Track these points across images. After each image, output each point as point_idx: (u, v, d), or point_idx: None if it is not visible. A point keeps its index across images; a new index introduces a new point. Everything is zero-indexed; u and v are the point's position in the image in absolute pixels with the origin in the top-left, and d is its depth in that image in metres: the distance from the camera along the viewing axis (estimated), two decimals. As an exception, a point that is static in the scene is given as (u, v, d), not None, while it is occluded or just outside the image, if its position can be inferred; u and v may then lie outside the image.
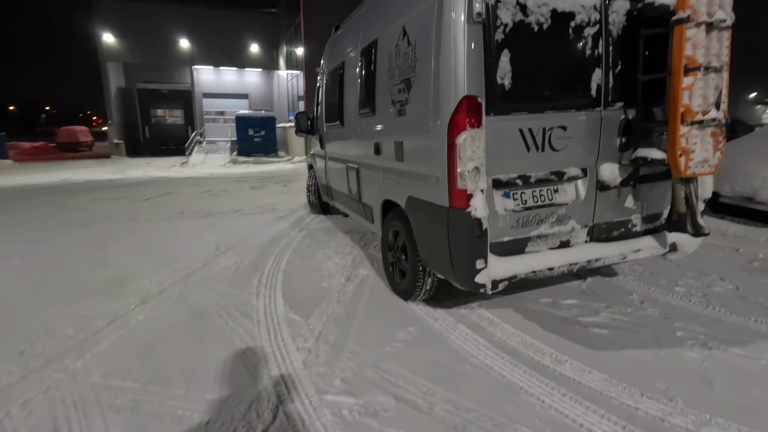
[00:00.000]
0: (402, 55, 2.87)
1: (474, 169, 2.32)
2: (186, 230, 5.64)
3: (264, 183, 10.69)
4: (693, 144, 2.41)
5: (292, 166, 16.33)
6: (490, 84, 2.34)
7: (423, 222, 2.80)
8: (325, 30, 19.75)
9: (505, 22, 2.34)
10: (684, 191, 2.63)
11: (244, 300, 3.30)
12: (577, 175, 2.66)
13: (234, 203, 7.67)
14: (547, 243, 2.71)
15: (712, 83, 2.37)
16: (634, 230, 2.91)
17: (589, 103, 2.59)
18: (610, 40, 2.56)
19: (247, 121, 22.76)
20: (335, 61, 4.67)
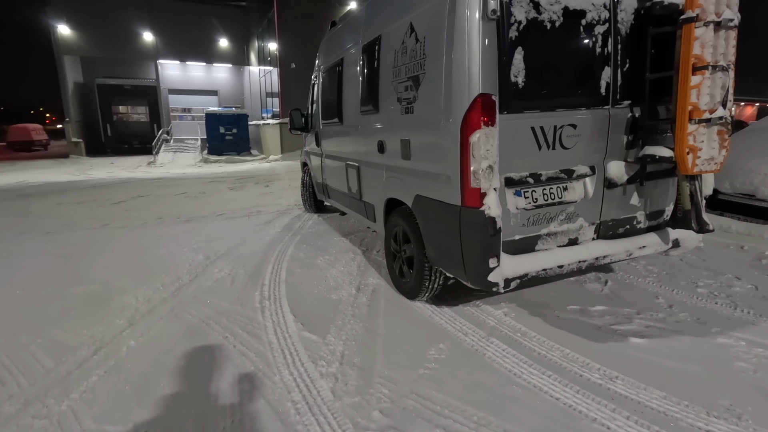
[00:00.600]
0: (409, 52, 2.82)
1: (488, 167, 2.31)
2: (167, 237, 5.19)
3: (243, 183, 10.19)
4: (700, 142, 2.43)
5: (269, 165, 15.77)
6: (503, 82, 2.33)
7: (432, 221, 2.77)
8: (299, 24, 19.31)
9: (519, 19, 2.32)
10: (689, 188, 2.67)
11: (249, 317, 2.97)
12: (585, 173, 2.67)
13: (215, 206, 7.20)
14: (557, 241, 2.72)
15: (719, 82, 2.40)
16: (638, 227, 2.94)
17: (599, 101, 2.60)
18: (619, 39, 2.56)
19: (217, 119, 21.91)
20: (333, 58, 4.55)
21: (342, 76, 4.20)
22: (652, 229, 2.98)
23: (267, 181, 10.34)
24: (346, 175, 4.27)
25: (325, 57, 4.98)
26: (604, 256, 2.72)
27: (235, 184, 10.05)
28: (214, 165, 18.50)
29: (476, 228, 2.36)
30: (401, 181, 3.11)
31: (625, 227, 2.90)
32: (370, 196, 3.82)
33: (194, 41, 25.27)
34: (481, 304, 3.09)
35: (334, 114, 4.45)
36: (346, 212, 4.93)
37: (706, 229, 2.72)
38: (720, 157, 2.52)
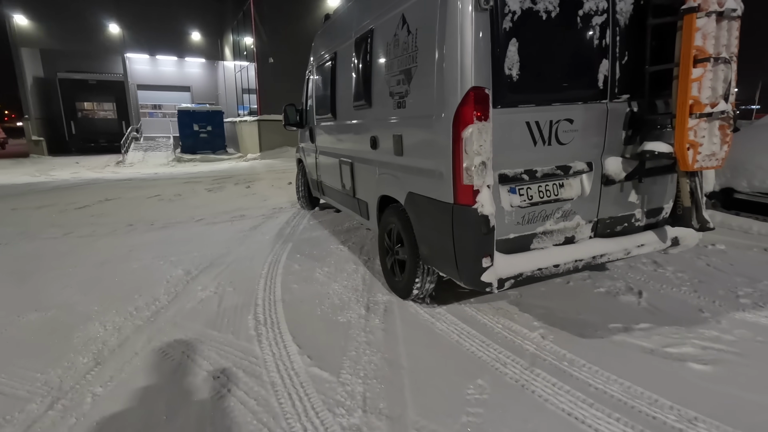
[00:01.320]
0: (401, 45, 2.73)
1: (481, 164, 2.22)
2: (140, 248, 4.60)
3: (221, 184, 9.54)
4: (701, 137, 2.34)
5: (247, 165, 15.06)
6: (497, 75, 2.23)
7: (424, 219, 2.69)
8: (277, 17, 18.58)
9: (513, 9, 2.22)
10: (690, 185, 2.57)
11: (244, 350, 2.49)
12: (582, 169, 2.58)
13: (193, 210, 6.60)
14: (553, 239, 2.62)
15: (722, 75, 2.29)
16: (637, 225, 2.84)
17: (596, 95, 2.50)
18: (618, 30, 2.45)
19: (191, 116, 20.95)
20: (326, 53, 4.44)
21: (335, 71, 4.11)
22: (651, 227, 2.88)
23: (248, 182, 9.72)
24: (340, 172, 4.18)
25: (318, 52, 4.85)
26: (601, 255, 2.63)
27: (213, 185, 9.39)
28: (189, 164, 17.61)
29: (469, 226, 2.28)
30: (394, 177, 3.02)
31: (624, 225, 2.80)
32: (363, 193, 3.74)
33: (164, 34, 24.10)
34: (512, 324, 2.70)
35: (328, 109, 4.36)
36: (340, 210, 4.83)
37: (707, 227, 2.63)
38: (722, 153, 2.41)
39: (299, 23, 17.97)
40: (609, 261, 2.74)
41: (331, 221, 5.50)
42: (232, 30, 22.26)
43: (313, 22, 18.29)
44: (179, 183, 10.07)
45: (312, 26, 18.30)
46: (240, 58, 21.44)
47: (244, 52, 20.44)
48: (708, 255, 3.87)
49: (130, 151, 20.18)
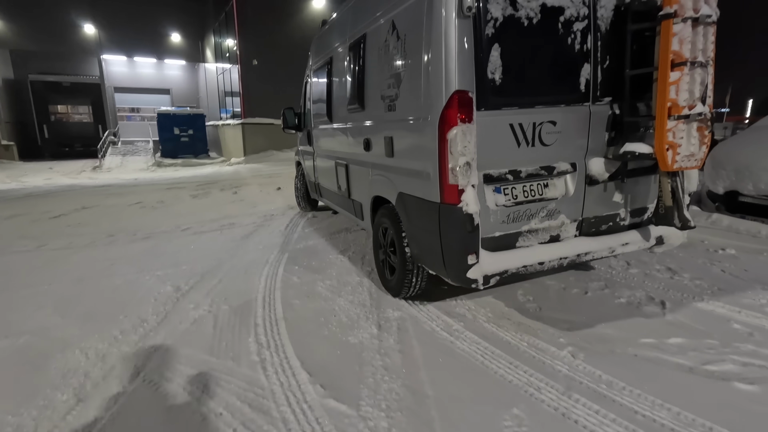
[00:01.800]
0: (391, 50, 2.81)
1: (465, 164, 2.28)
2: (123, 261, 4.26)
3: (207, 190, 9.15)
4: (680, 138, 2.41)
5: (231, 169, 14.63)
6: (480, 79, 2.30)
7: (414, 218, 2.76)
8: (261, 18, 18.27)
9: (495, 16, 2.29)
10: (671, 185, 2.63)
11: (247, 379, 2.23)
12: (566, 169, 2.64)
13: (177, 218, 6.24)
14: (538, 238, 2.69)
15: (698, 78, 2.37)
16: (621, 224, 2.90)
17: (578, 97, 2.57)
18: (599, 35, 2.53)
19: (171, 119, 20.35)
20: (322, 57, 4.53)
21: (331, 75, 4.20)
22: (635, 226, 2.93)
23: (234, 187, 9.36)
24: (336, 174, 4.24)
25: (315, 56, 4.93)
26: (585, 253, 2.69)
27: (198, 191, 9.00)
28: (170, 169, 17.06)
29: (455, 225, 2.34)
30: (386, 178, 3.09)
31: (608, 224, 2.86)
32: (358, 194, 3.79)
33: (143, 35, 23.45)
34: (537, 341, 2.51)
35: (324, 113, 4.42)
36: (337, 211, 4.91)
37: (688, 225, 2.69)
38: (700, 154, 2.49)
39: (284, 25, 17.66)
40: (593, 259, 2.81)
41: (327, 229, 5.25)
42: (214, 31, 21.77)
43: (298, 24, 18.01)
44: (161, 189, 9.63)
45: (297, 28, 18.03)
46: (222, 60, 20.95)
47: (226, 54, 19.99)
48: (720, 260, 3.77)
49: (108, 156, 19.48)
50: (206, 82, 25.19)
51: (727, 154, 4.75)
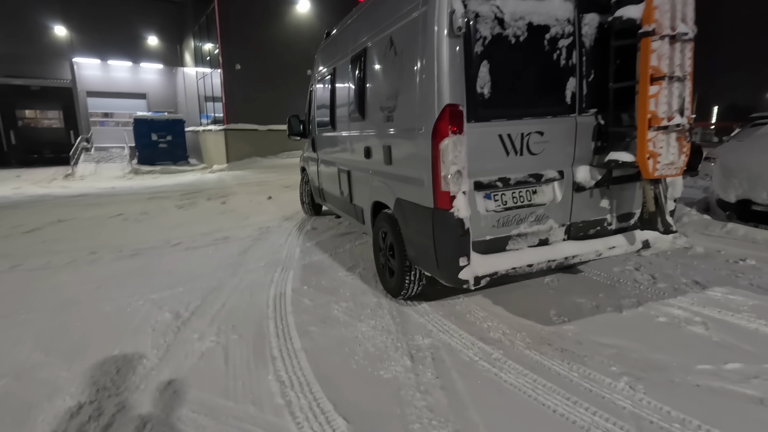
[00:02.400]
0: (389, 64, 2.99)
1: (456, 172, 2.41)
2: (110, 283, 3.86)
3: (192, 200, 8.70)
4: (660, 147, 2.55)
5: (215, 177, 14.11)
6: (470, 93, 2.44)
7: (410, 222, 2.89)
8: (244, 22, 17.73)
9: (484, 35, 2.43)
10: (653, 191, 2.76)
11: (275, 429, 1.93)
12: (554, 177, 2.77)
13: (166, 232, 5.83)
14: (527, 241, 2.80)
15: (676, 91, 2.50)
16: (609, 228, 3.01)
17: (565, 109, 2.69)
18: (584, 51, 2.66)
19: (149, 125, 19.67)
20: (327, 67, 4.68)
21: (334, 85, 4.34)
22: (622, 231, 3.04)
23: (221, 197, 8.93)
24: (339, 179, 4.37)
25: (319, 66, 5.07)
26: (573, 256, 2.81)
27: (184, 201, 8.54)
28: (148, 176, 16.39)
29: (447, 229, 2.48)
30: (384, 185, 3.23)
31: (596, 229, 2.98)
32: (359, 199, 3.91)
33: (117, 38, 22.61)
34: (589, 371, 2.30)
35: (328, 121, 4.56)
36: (340, 216, 5.05)
37: (670, 230, 2.84)
38: (680, 162, 2.62)
39: (268, 29, 17.29)
40: (581, 262, 2.96)
41: (329, 242, 4.96)
42: (194, 35, 21.15)
43: (282, 29, 17.67)
44: (143, 199, 9.11)
45: (281, 33, 17.68)
46: (203, 64, 20.36)
47: (207, 58, 19.42)
48: (744, 272, 3.67)
49: (80, 163, 18.63)
50: (185, 86, 24.43)
51: (738, 162, 4.71)
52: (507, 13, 2.47)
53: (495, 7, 2.45)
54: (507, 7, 2.47)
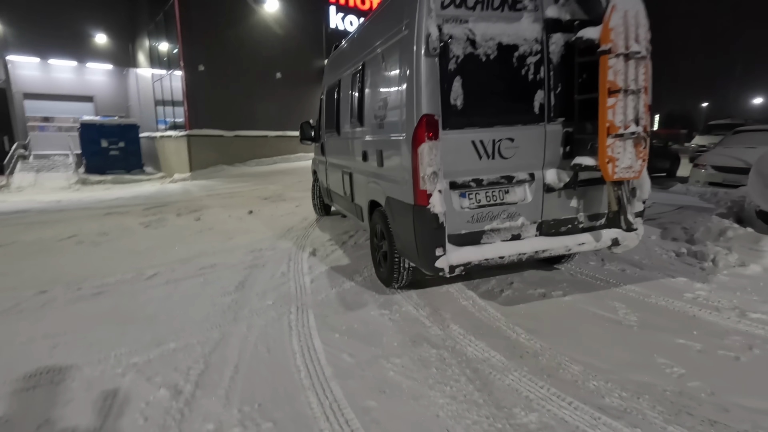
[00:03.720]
0: (381, 78, 3.36)
1: (432, 173, 2.73)
2: (71, 340, 2.90)
3: (159, 215, 7.57)
4: (617, 153, 2.80)
5: (178, 187, 12.81)
6: (445, 104, 2.76)
7: (397, 218, 3.18)
8: (207, 20, 16.41)
9: (457, 54, 2.75)
10: (616, 193, 3.03)
11: None
12: (525, 179, 3.04)
13: (135, 259, 4.81)
14: (500, 236, 3.06)
15: (631, 103, 2.76)
16: (580, 227, 3.24)
17: (534, 118, 2.96)
18: (551, 66, 2.92)
19: (98, 130, 17.99)
20: (333, 78, 5.02)
21: (339, 94, 4.66)
22: (593, 229, 3.26)
23: (193, 211, 7.86)
24: (342, 181, 4.69)
25: (328, 77, 5.47)
26: (543, 250, 3.07)
27: (149, 217, 7.40)
28: (98, 187, 14.78)
29: (424, 222, 2.77)
30: (377, 185, 3.53)
31: (567, 226, 3.21)
32: (359, 198, 4.22)
33: (60, 35, 20.56)
34: None
35: (334, 127, 4.85)
36: (345, 215, 5.30)
37: (632, 228, 3.11)
38: (637, 166, 2.88)
39: (234, 28, 16.16)
40: (551, 256, 3.20)
41: (341, 267, 4.20)
42: (149, 33, 19.55)
43: (250, 27, 16.60)
44: (99, 215, 7.85)
45: (249, 32, 16.60)
46: (159, 65, 18.82)
47: (164, 59, 17.93)
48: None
49: (17, 173, 16.62)
50: (138, 89, 22.57)
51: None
52: (479, 34, 2.77)
53: (468, 29, 2.75)
54: (478, 29, 2.77)
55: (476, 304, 3.29)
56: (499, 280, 3.73)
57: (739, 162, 8.44)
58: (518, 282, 3.67)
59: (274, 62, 17.23)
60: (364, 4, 19.78)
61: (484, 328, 2.90)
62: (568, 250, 3.14)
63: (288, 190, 10.20)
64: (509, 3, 2.83)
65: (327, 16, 18.60)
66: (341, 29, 19.21)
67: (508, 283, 3.67)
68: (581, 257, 4.22)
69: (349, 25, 19.47)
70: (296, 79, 17.96)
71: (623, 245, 3.22)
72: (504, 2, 2.82)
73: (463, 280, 3.72)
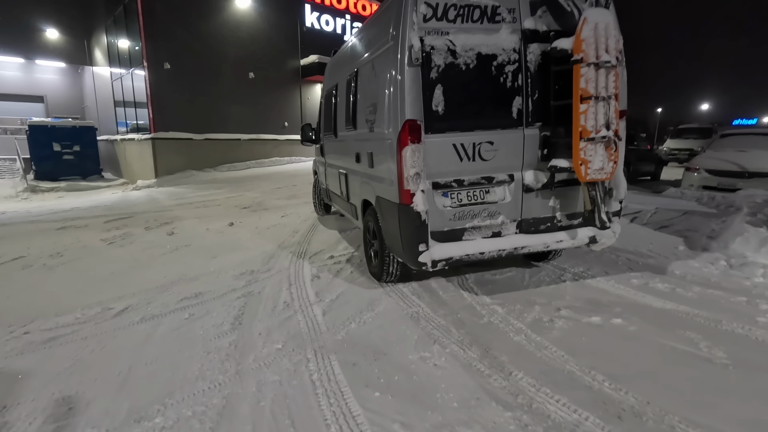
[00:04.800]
0: (372, 85, 3.54)
1: (415, 174, 2.94)
2: (11, 416, 2.14)
3: (124, 229, 6.62)
4: (590, 156, 3.01)
5: (142, 195, 11.70)
6: (427, 110, 2.94)
7: (385, 215, 3.40)
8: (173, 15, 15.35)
9: (438, 63, 2.93)
10: (590, 193, 3.17)
11: None
12: (504, 179, 3.23)
13: (99, 287, 3.97)
14: (481, 233, 3.25)
15: (602, 109, 2.95)
16: (558, 225, 3.39)
17: (513, 123, 3.14)
18: (529, 74, 3.11)
19: (49, 133, 16.54)
20: (331, 83, 5.21)
21: (337, 99, 4.84)
22: (570, 227, 3.40)
23: (164, 223, 6.96)
24: (339, 181, 4.87)
25: (326, 81, 5.67)
26: (522, 246, 3.22)
27: (112, 232, 6.45)
28: (51, 195, 13.41)
29: (408, 219, 3.00)
30: (369, 185, 3.74)
31: (546, 225, 3.36)
32: (353, 198, 4.40)
33: (5, 29, 18.71)
34: None
35: (331, 129, 5.05)
36: (343, 214, 5.42)
37: (606, 226, 3.24)
38: (609, 168, 3.04)
39: (204, 24, 15.15)
40: (530, 252, 3.31)
41: (355, 291, 3.57)
42: (107, 28, 18.13)
43: (219, 24, 15.62)
44: (51, 230, 6.81)
45: (219, 28, 15.61)
46: (119, 63, 17.45)
47: (125, 56, 16.62)
48: None
49: (-46, 180, 14.86)
50: (95, 89, 20.89)
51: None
52: (459, 45, 2.94)
53: (448, 41, 2.92)
54: (459, 41, 2.94)
55: (531, 339, 2.75)
56: (543, 307, 3.22)
57: (732, 166, 8.42)
58: (564, 308, 3.17)
59: (247, 61, 16.30)
60: (341, 3, 19.16)
61: (555, 375, 2.36)
62: (546, 247, 3.31)
63: (268, 198, 9.41)
64: (488, 15, 3.01)
65: (302, 14, 17.85)
66: (317, 28, 18.49)
67: (554, 309, 3.16)
68: (621, 277, 3.79)
69: (325, 25, 18.78)
70: (271, 80, 17.09)
71: (600, 243, 3.38)
72: (483, 15, 3.00)
73: (504, 308, 3.18)
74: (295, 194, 9.79)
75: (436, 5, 2.90)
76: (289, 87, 17.96)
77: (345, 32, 19.57)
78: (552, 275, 3.88)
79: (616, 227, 3.33)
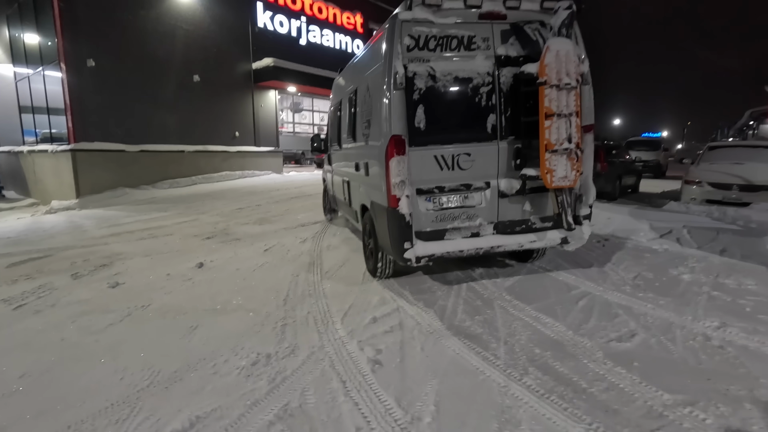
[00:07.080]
0: (367, 102, 4.07)
1: (400, 181, 3.40)
2: None
3: (40, 279, 4.59)
4: (554, 165, 3.42)
5: (61, 220, 9.28)
6: (411, 127, 3.43)
7: (378, 218, 3.87)
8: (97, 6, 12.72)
9: (419, 86, 3.43)
10: (557, 198, 3.61)
11: None
12: (481, 186, 3.66)
13: (3, 403, 2.23)
14: (461, 233, 3.68)
15: (564, 125, 3.38)
16: (533, 227, 3.83)
17: (488, 137, 3.60)
18: (502, 94, 3.58)
19: (-71, 143, 13.11)
20: (336, 99, 6.02)
21: (340, 112, 5.51)
22: (543, 229, 3.84)
23: (99, 266, 5.02)
24: (343, 187, 5.50)
25: (333, 97, 6.44)
26: (498, 246, 3.69)
27: (20, 285, 4.41)
28: (-71, 224, 10.33)
29: (395, 221, 3.45)
30: (366, 191, 4.25)
31: (522, 227, 3.81)
32: (354, 203, 4.95)
33: None
34: None
35: (336, 140, 5.79)
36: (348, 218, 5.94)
37: (571, 228, 3.63)
38: (572, 176, 3.48)
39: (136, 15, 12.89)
40: (505, 251, 3.79)
41: (455, 385, 2.21)
42: (8, 19, 15.08)
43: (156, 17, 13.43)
44: None
45: (154, 22, 13.42)
46: (25, 61, 14.51)
47: (35, 53, 13.79)
48: None
49: None
50: (-5, 90, 17.42)
51: None
52: (438, 70, 3.45)
53: (429, 67, 3.43)
54: (438, 67, 3.45)
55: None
56: None
57: (735, 179, 8.18)
58: None
59: (191, 63, 14.23)
60: (295, 3, 17.66)
61: None
62: (520, 247, 3.76)
63: (233, 223, 7.66)
64: (465, 44, 3.50)
65: (254, 13, 16.13)
66: (270, 29, 16.82)
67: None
68: None
69: (279, 26, 17.15)
70: (219, 84, 15.12)
71: (572, 244, 3.83)
72: (460, 44, 3.50)
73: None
74: (265, 218, 8.12)
75: (418, 37, 3.42)
76: (240, 93, 16.05)
77: (300, 35, 18.07)
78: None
79: (585, 229, 3.77)
